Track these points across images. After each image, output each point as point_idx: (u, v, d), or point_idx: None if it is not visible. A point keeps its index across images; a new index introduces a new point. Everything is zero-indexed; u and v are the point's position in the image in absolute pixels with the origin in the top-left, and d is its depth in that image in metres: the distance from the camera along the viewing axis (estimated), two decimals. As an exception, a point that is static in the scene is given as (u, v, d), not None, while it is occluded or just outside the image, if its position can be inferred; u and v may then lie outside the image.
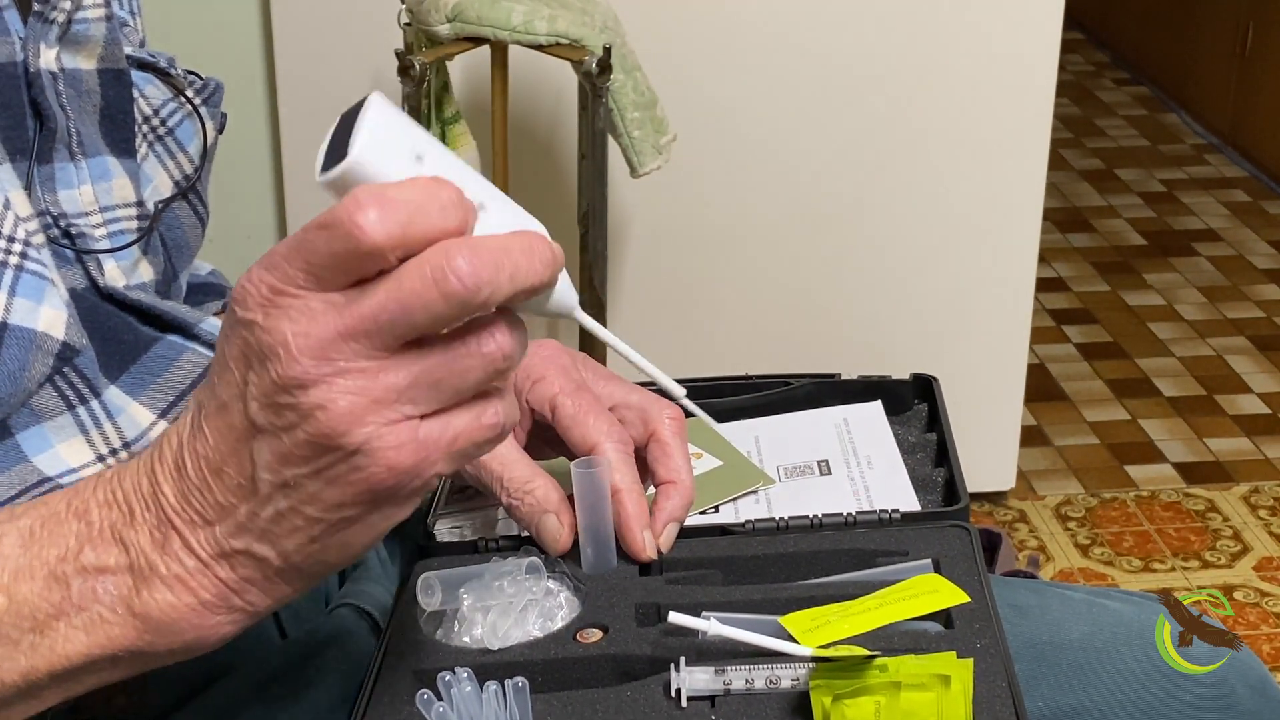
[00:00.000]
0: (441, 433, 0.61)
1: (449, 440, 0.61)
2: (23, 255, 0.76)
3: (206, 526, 0.63)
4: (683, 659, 0.75)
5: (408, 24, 1.81)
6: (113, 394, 0.81)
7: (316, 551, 0.63)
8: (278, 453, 0.60)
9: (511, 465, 0.83)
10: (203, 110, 0.92)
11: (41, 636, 0.65)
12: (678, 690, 0.74)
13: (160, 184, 0.90)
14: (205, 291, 0.98)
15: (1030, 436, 2.64)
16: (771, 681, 0.74)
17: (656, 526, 0.84)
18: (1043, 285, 2.93)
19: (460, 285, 0.58)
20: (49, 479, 0.78)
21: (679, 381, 1.08)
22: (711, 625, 0.75)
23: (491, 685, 0.74)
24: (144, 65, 0.90)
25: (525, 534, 0.89)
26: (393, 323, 0.59)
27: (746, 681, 0.74)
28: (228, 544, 0.63)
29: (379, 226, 0.57)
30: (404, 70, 1.76)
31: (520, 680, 0.75)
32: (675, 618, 0.75)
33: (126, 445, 0.81)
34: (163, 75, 0.91)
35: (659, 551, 0.84)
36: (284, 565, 0.63)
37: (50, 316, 0.76)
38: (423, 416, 0.61)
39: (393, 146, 0.61)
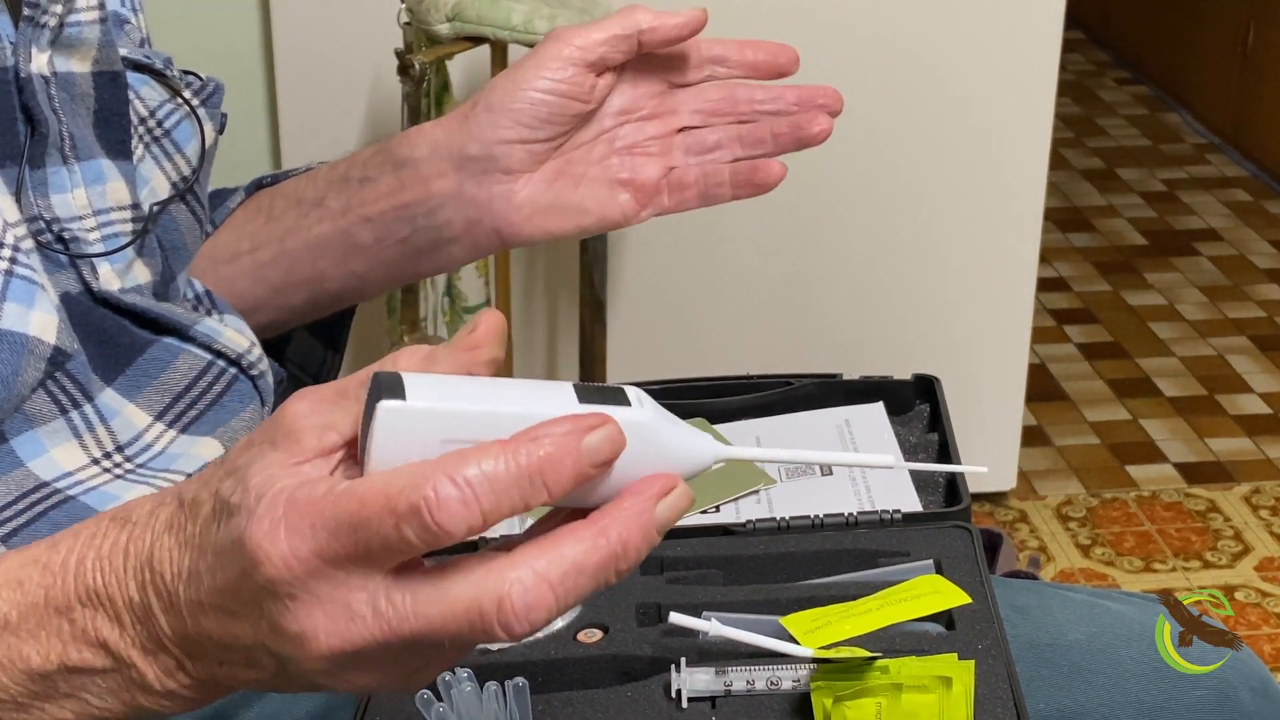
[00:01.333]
0: None
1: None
2: (12, 260, 0.76)
3: (201, 660, 0.60)
4: (683, 659, 0.75)
5: (407, 24, 1.81)
6: (107, 397, 0.81)
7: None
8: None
9: None
10: (201, 111, 0.92)
11: (25, 713, 0.62)
12: (678, 691, 0.74)
13: (157, 185, 0.89)
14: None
15: (1031, 436, 2.64)
16: (772, 683, 0.74)
17: None
18: (1043, 285, 2.93)
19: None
20: (45, 484, 0.77)
21: (680, 382, 1.08)
22: (712, 626, 0.75)
23: (491, 685, 0.74)
24: (140, 66, 0.90)
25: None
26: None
27: (747, 682, 0.74)
28: (214, 673, 0.60)
29: (461, 523, 0.53)
30: (404, 70, 1.75)
31: (520, 680, 0.75)
32: (676, 618, 0.75)
33: (120, 448, 0.81)
34: (159, 76, 0.91)
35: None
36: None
37: (41, 321, 0.76)
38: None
39: (413, 450, 0.56)
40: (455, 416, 0.56)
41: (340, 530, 0.53)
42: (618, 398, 0.58)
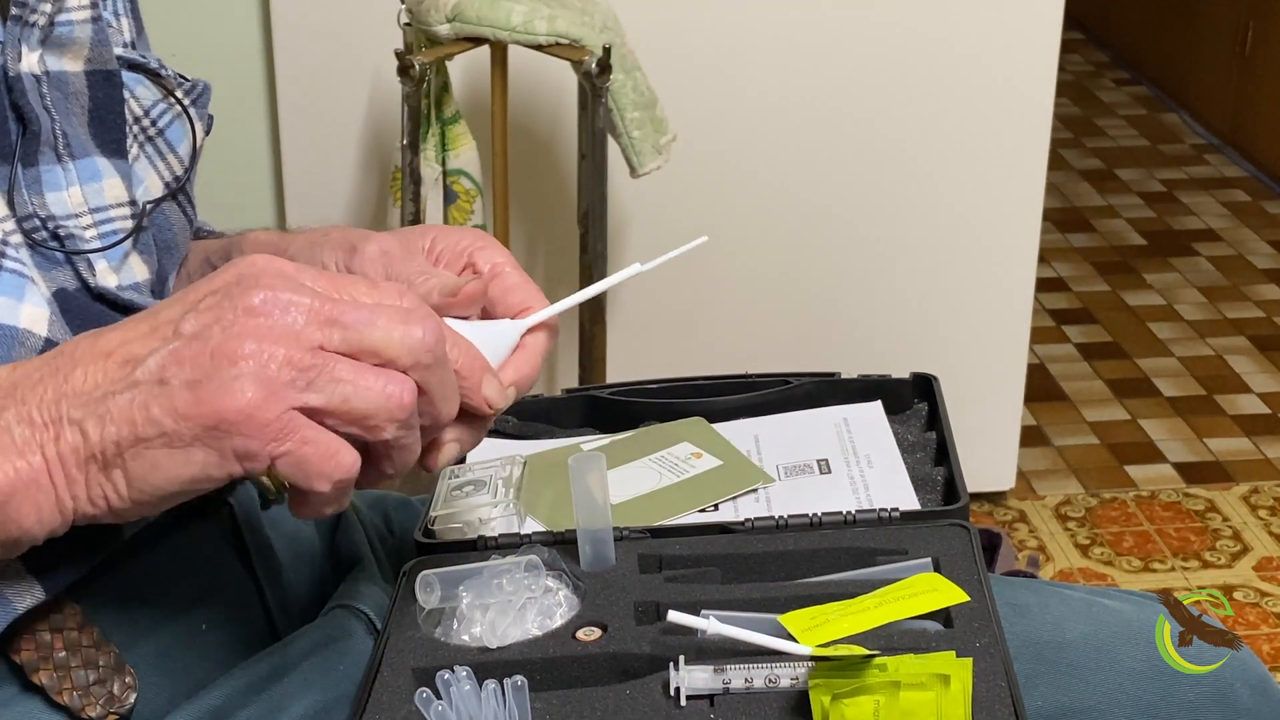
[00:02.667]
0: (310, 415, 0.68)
1: (316, 419, 0.68)
2: (0, 255, 0.76)
3: (56, 399, 0.69)
4: (682, 658, 0.75)
5: (407, 24, 1.81)
6: None
7: (129, 455, 0.68)
8: (176, 353, 0.67)
9: (424, 263, 0.85)
10: (191, 111, 0.92)
11: None
12: (677, 689, 0.74)
13: (151, 185, 0.90)
14: None
15: (1030, 436, 2.64)
16: (771, 680, 0.74)
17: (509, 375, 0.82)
18: (1043, 285, 2.93)
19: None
20: None
21: (679, 381, 1.08)
22: (711, 624, 0.75)
23: (490, 684, 0.74)
24: (134, 66, 0.90)
25: (525, 532, 0.90)
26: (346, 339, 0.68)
27: (746, 680, 0.74)
28: (67, 412, 0.68)
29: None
30: (404, 70, 1.76)
31: (519, 679, 0.75)
32: (674, 616, 0.75)
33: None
34: (153, 76, 0.91)
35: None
36: (98, 454, 0.68)
37: (32, 314, 0.77)
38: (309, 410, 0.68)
39: None
40: None
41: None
42: None
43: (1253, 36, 3.75)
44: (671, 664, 0.75)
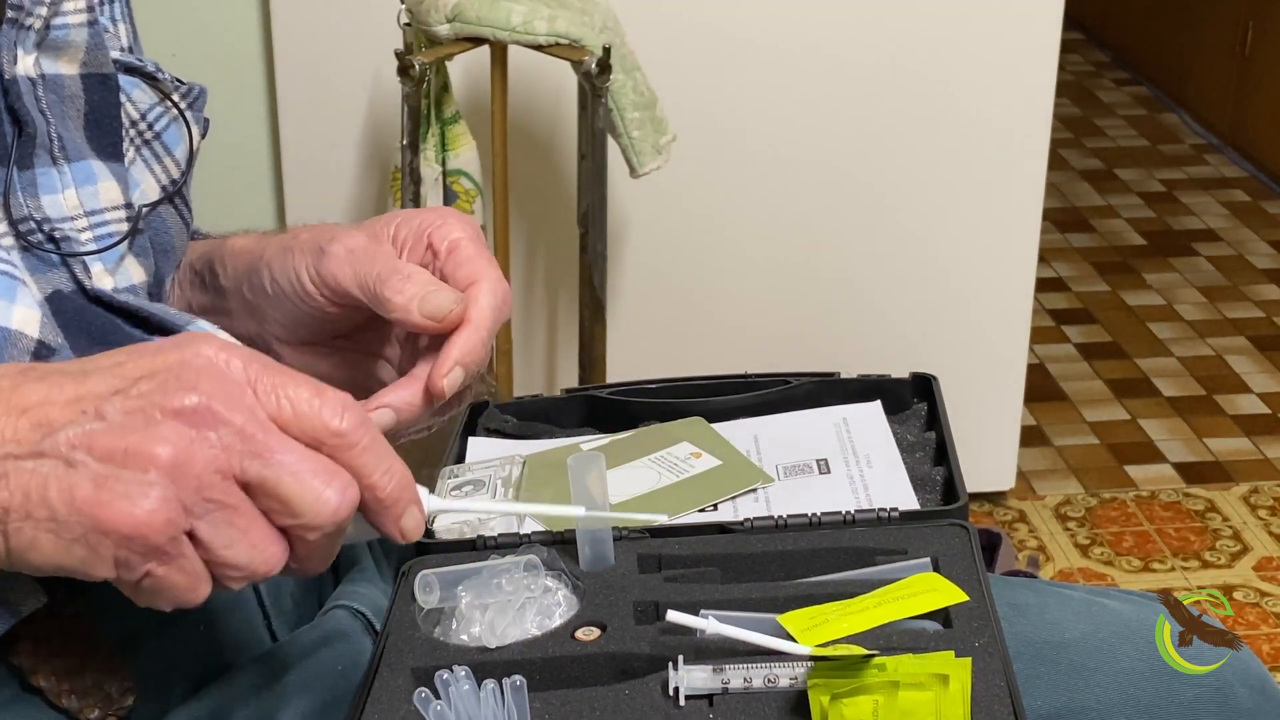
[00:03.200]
0: (203, 535, 0.65)
1: (202, 546, 0.65)
2: None
3: None
4: (680, 657, 0.75)
5: (407, 24, 1.81)
6: None
7: (12, 526, 0.65)
8: (91, 436, 0.64)
9: (392, 259, 0.83)
10: (188, 115, 0.92)
11: None
12: (676, 689, 0.74)
13: (147, 188, 0.90)
14: None
15: (1030, 436, 2.64)
16: (770, 680, 0.74)
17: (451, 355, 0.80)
18: (1042, 285, 2.93)
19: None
20: None
21: (679, 381, 1.08)
22: (710, 624, 0.75)
23: (489, 684, 0.74)
24: (131, 70, 0.90)
25: (524, 532, 0.89)
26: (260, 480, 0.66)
27: (745, 680, 0.74)
28: None
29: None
30: (404, 70, 1.76)
31: (518, 679, 0.75)
32: (674, 616, 0.75)
33: None
34: (149, 80, 0.91)
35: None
36: None
37: (23, 315, 0.76)
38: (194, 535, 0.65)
39: None
40: None
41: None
42: None
43: (1252, 36, 3.75)
44: (670, 664, 0.75)
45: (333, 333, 0.88)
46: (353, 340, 0.89)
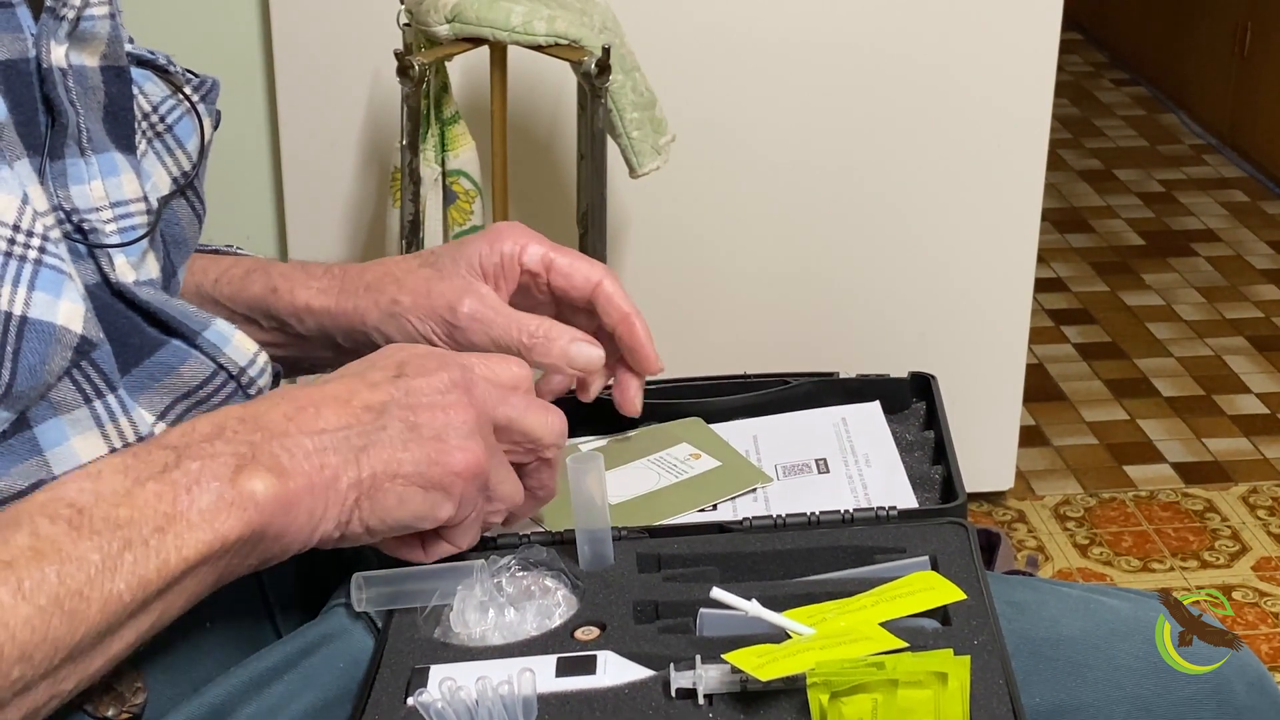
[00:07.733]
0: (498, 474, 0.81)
1: (499, 477, 0.81)
2: (41, 250, 0.76)
3: (316, 434, 0.76)
4: (699, 656, 0.75)
5: (407, 24, 1.81)
6: (125, 390, 0.82)
7: (386, 488, 0.77)
8: (413, 409, 0.78)
9: (520, 317, 0.94)
10: (200, 107, 0.93)
11: (163, 535, 0.71)
12: (675, 688, 0.75)
13: (159, 181, 0.90)
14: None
15: (1029, 436, 2.65)
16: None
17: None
18: (1042, 285, 2.93)
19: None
20: (56, 477, 0.78)
21: (677, 382, 1.09)
22: (752, 606, 0.76)
23: (489, 683, 0.75)
24: (143, 62, 0.90)
25: (523, 532, 0.90)
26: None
27: (744, 679, 0.74)
28: (331, 444, 0.76)
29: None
30: (403, 70, 1.76)
31: (518, 678, 0.75)
32: (718, 594, 0.77)
33: (141, 440, 0.81)
34: (161, 72, 0.91)
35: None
36: (361, 479, 0.76)
37: (69, 310, 0.76)
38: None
39: None
40: None
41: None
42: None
43: (1252, 37, 3.76)
44: (672, 665, 0.75)
45: None
46: None
